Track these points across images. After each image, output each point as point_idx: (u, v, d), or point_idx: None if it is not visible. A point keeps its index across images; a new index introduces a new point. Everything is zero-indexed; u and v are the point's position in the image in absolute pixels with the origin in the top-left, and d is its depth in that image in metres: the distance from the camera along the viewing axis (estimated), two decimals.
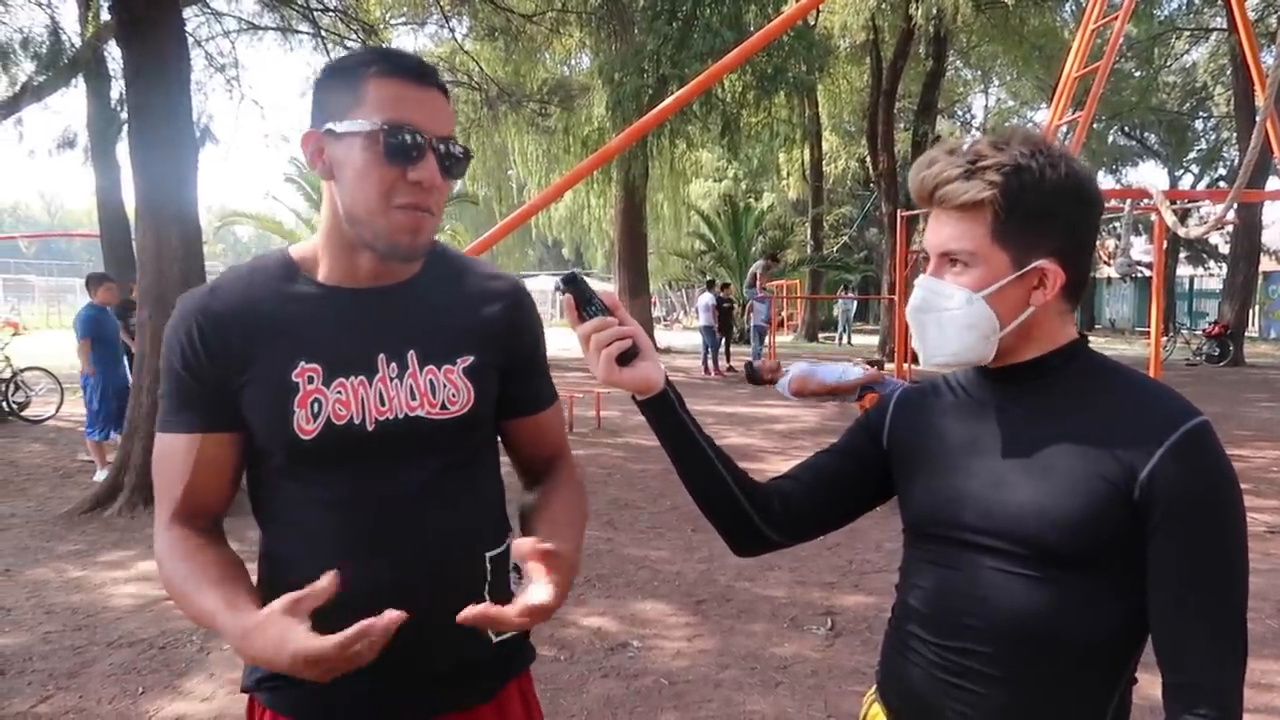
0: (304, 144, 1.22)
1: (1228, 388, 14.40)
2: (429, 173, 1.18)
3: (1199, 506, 1.08)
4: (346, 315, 1.25)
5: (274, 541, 1.28)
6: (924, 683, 1.24)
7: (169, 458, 1.25)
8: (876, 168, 21.71)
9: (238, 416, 1.23)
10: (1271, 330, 28.94)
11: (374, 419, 1.23)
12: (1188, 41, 26.52)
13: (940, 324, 1.18)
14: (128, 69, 6.57)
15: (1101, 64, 6.86)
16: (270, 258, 1.30)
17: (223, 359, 1.21)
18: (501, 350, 1.33)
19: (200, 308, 1.23)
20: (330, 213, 1.23)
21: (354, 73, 1.18)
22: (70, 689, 3.58)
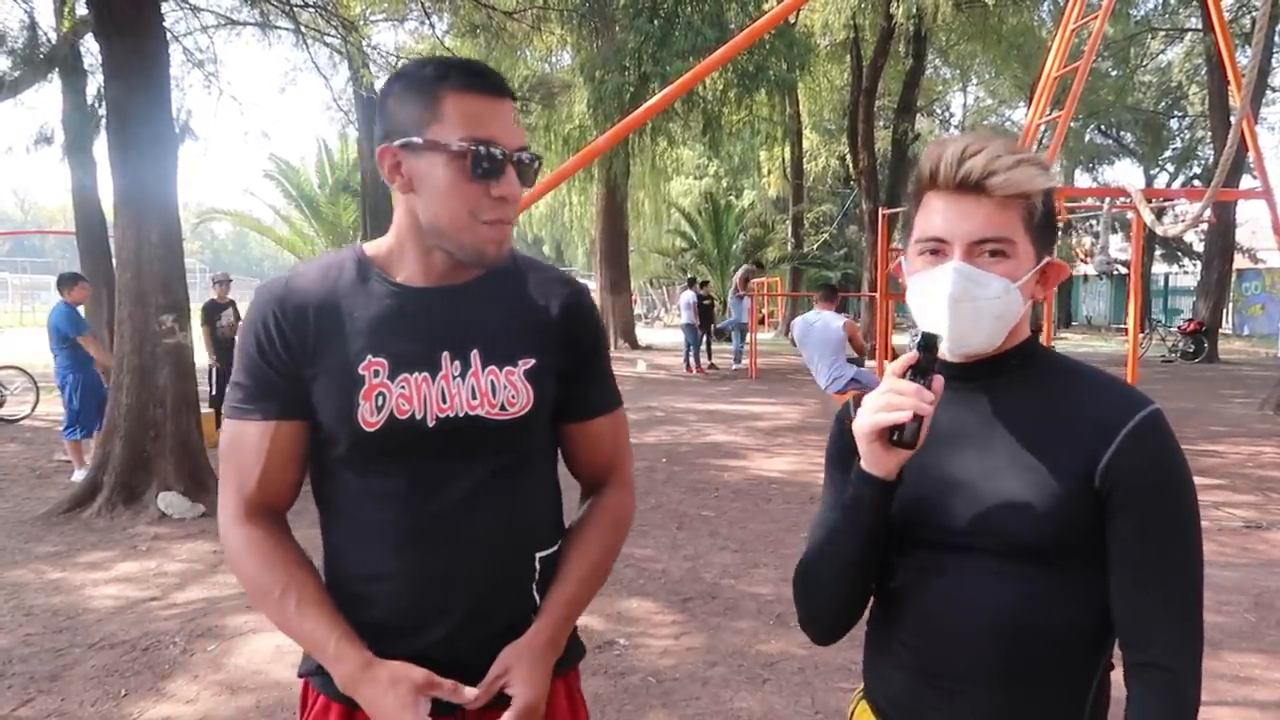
0: (380, 158, 1.24)
1: (1203, 384, 14.56)
2: (512, 187, 1.22)
3: (1154, 489, 1.12)
4: (414, 313, 1.28)
5: (332, 530, 1.32)
6: (905, 681, 1.25)
7: (242, 444, 1.27)
8: (857, 165, 21.81)
9: (308, 405, 1.27)
10: (1245, 327, 29.29)
11: (435, 415, 1.26)
12: (1163, 41, 26.80)
13: (976, 313, 1.16)
14: (106, 65, 6.50)
15: (1081, 64, 6.92)
16: (344, 255, 1.34)
17: (297, 348, 1.26)
18: (561, 353, 1.35)
19: (277, 298, 1.28)
20: (408, 221, 1.27)
21: (429, 86, 1.20)
22: (51, 692, 3.54)
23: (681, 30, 13.98)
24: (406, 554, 1.27)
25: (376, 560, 1.27)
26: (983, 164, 1.15)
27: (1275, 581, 4.89)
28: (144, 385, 6.39)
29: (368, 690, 1.20)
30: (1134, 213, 7.41)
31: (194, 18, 12.19)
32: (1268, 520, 6.13)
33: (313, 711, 1.32)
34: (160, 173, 6.46)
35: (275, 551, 1.27)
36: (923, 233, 1.19)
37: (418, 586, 1.27)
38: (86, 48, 11.21)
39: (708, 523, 6.10)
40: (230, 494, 1.28)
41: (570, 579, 1.35)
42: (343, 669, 1.21)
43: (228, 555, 1.29)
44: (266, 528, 1.28)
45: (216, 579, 4.95)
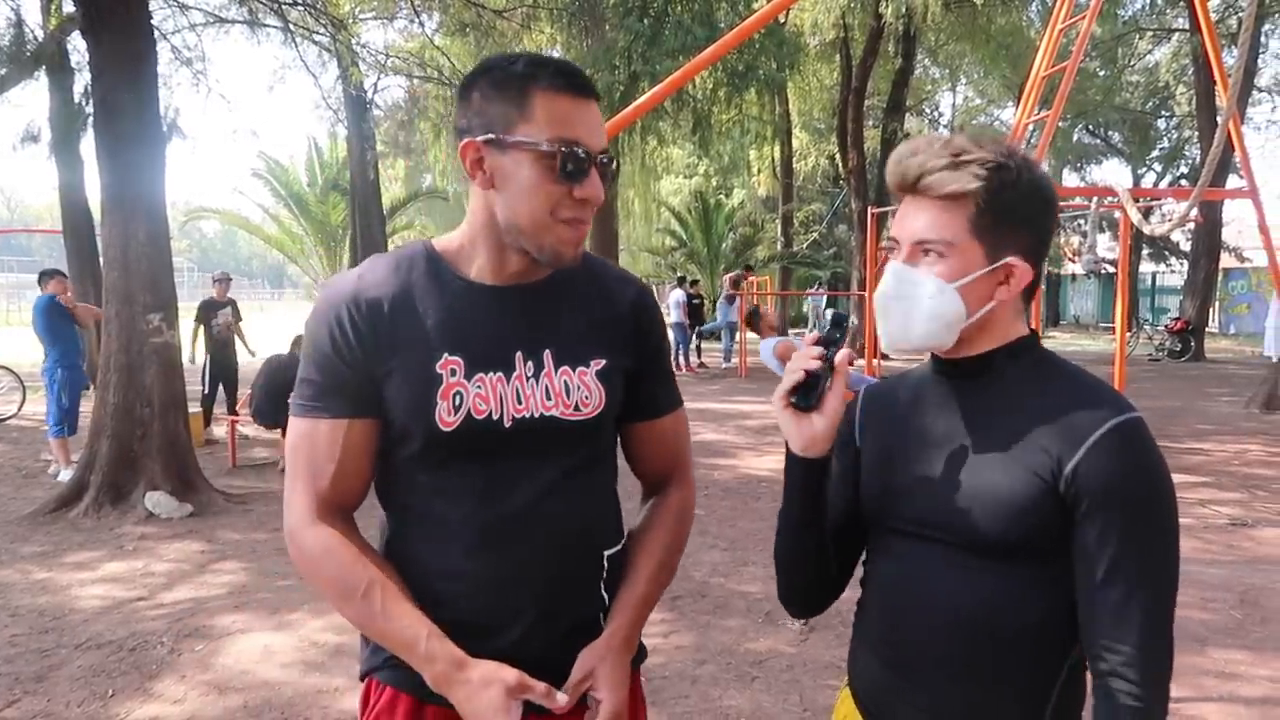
0: (463, 153, 1.23)
1: (1189, 382, 14.64)
2: (595, 190, 1.22)
3: (1122, 497, 1.10)
4: (488, 311, 1.28)
5: (401, 528, 1.31)
6: (880, 672, 1.28)
7: (314, 443, 1.25)
8: (846, 165, 21.84)
9: (381, 402, 1.25)
10: (1231, 326, 29.47)
11: (511, 416, 1.26)
12: (1150, 41, 26.91)
13: (907, 312, 1.20)
14: (93, 62, 6.46)
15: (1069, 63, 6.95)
16: (414, 249, 1.32)
17: (371, 345, 1.23)
18: (629, 353, 1.36)
19: (350, 294, 1.25)
20: (485, 217, 1.26)
21: (519, 83, 1.20)
22: (38, 693, 3.52)
23: (671, 29, 13.98)
24: (480, 553, 1.26)
25: (450, 559, 1.26)
26: (917, 166, 1.18)
27: (1260, 578, 4.92)
28: (131, 384, 6.36)
29: (460, 690, 1.19)
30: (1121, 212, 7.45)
31: (182, 15, 12.13)
32: (1253, 517, 6.18)
33: (377, 707, 1.30)
34: (148, 171, 6.43)
35: (354, 550, 1.24)
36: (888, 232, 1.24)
37: (491, 585, 1.26)
38: (73, 45, 11.15)
39: (697, 521, 6.08)
40: (302, 493, 1.26)
41: (642, 578, 1.36)
42: (436, 668, 1.20)
43: (301, 556, 1.26)
44: (342, 527, 1.27)
45: (204, 579, 4.93)
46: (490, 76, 1.22)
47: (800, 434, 1.21)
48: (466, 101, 1.24)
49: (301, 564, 1.27)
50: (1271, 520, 6.16)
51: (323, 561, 1.24)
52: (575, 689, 1.26)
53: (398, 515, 1.31)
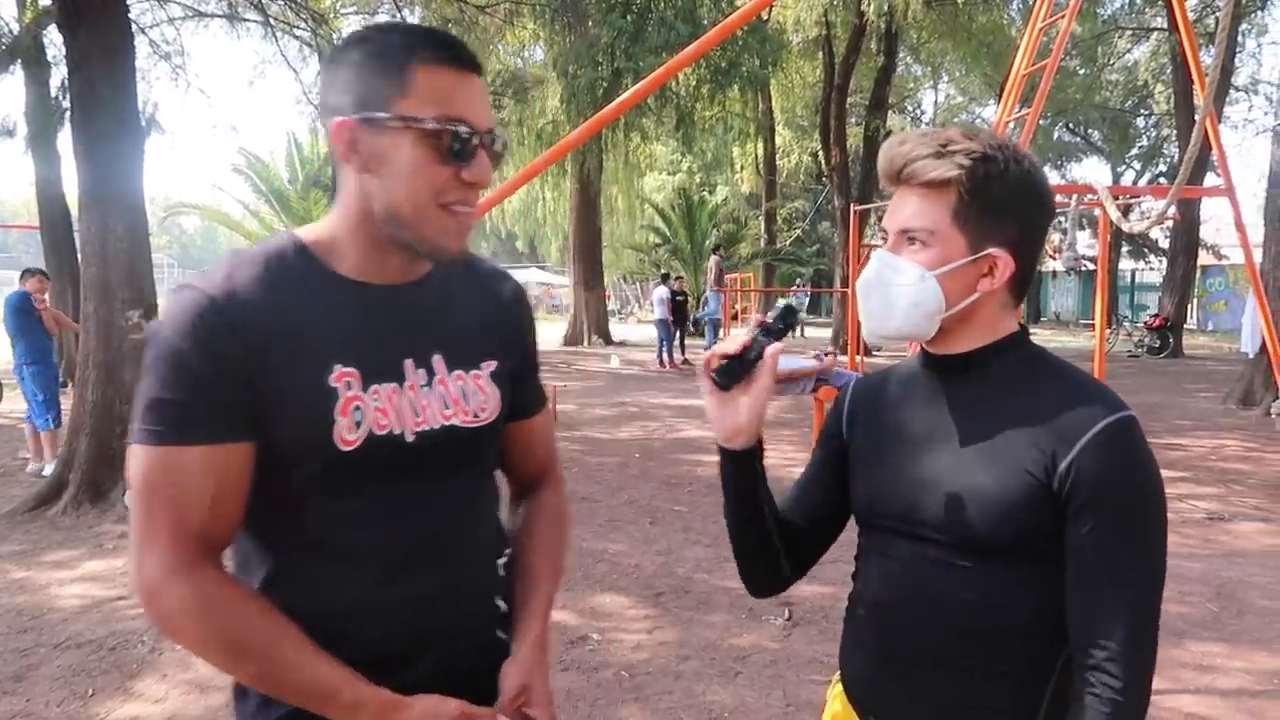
0: (336, 133, 1.10)
1: (1168, 378, 14.79)
2: (483, 172, 1.12)
3: (1113, 497, 1.11)
4: (374, 315, 1.16)
5: (291, 562, 1.15)
6: (872, 669, 1.28)
7: (179, 475, 1.06)
8: (829, 162, 21.90)
9: (258, 423, 1.09)
10: (1209, 322, 29.79)
11: (413, 429, 1.16)
12: (1130, 40, 27.11)
13: (888, 298, 1.21)
14: (70, 56, 6.39)
15: (1049, 62, 7.00)
16: (283, 245, 1.16)
17: (249, 356, 1.07)
18: (514, 352, 1.31)
19: (219, 299, 1.07)
20: (360, 206, 1.13)
21: (397, 56, 1.08)
22: (16, 693, 3.49)
23: (655, 26, 13.98)
24: (393, 580, 1.15)
25: (358, 590, 1.14)
26: (903, 155, 1.19)
27: (1236, 572, 4.98)
28: (110, 381, 6.31)
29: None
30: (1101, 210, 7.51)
31: (160, 9, 12.02)
32: (1230, 512, 6.25)
33: None
34: (126, 166, 6.37)
35: (241, 598, 1.08)
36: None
37: (405, 613, 1.16)
38: (50, 39, 11.03)
39: (680, 517, 6.12)
40: (165, 538, 1.05)
41: (544, 582, 1.32)
42: (363, 715, 1.08)
43: (174, 614, 1.05)
44: (219, 573, 1.09)
45: None
46: (365, 48, 1.10)
47: (723, 421, 1.23)
48: (336, 75, 1.11)
49: (175, 623, 1.06)
50: (1248, 514, 6.23)
51: (204, 617, 1.05)
52: (511, 707, 1.19)
53: (286, 547, 1.15)
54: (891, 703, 1.26)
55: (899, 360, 1.36)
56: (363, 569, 1.14)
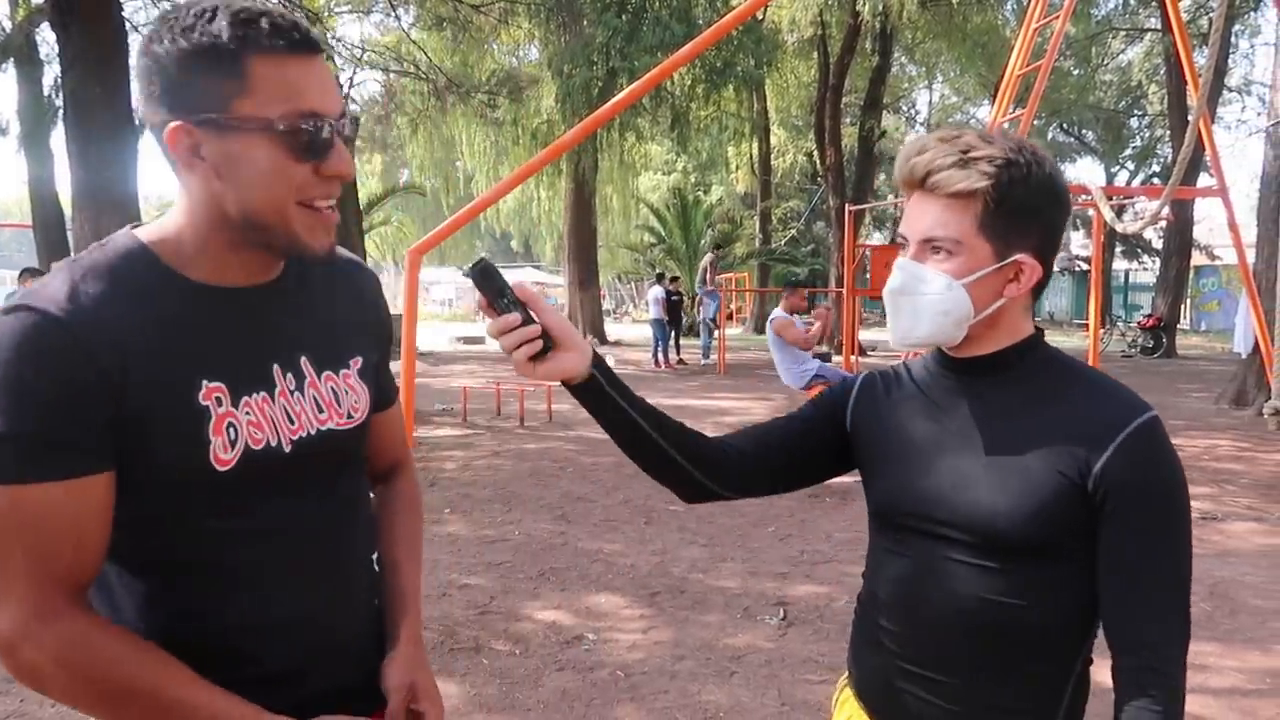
0: (173, 138, 1.00)
1: (1162, 378, 14.84)
2: (343, 164, 1.05)
3: (1149, 497, 1.12)
4: (234, 322, 1.09)
5: (171, 588, 1.07)
6: (886, 669, 1.27)
7: (38, 515, 0.96)
8: (824, 162, 21.95)
9: (117, 449, 1.01)
10: (1202, 323, 29.88)
11: (289, 439, 1.10)
12: (1124, 41, 27.21)
13: (916, 308, 1.20)
14: (64, 54, 6.39)
15: (1043, 62, 7.02)
16: (125, 249, 1.06)
17: (100, 382, 0.98)
18: (376, 345, 1.28)
19: (68, 314, 0.97)
20: (210, 211, 1.04)
21: (228, 47, 0.97)
22: (10, 693, 3.47)
23: (649, 25, 13.99)
24: (283, 596, 1.11)
25: (247, 610, 1.09)
26: (925, 164, 1.17)
27: (1229, 571, 5.00)
28: None
29: None
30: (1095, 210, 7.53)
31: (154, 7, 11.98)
32: (1223, 511, 6.27)
33: None
34: (120, 164, 6.37)
35: (118, 641, 1.01)
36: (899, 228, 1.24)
37: (299, 628, 1.12)
38: (42, 37, 10.99)
39: (676, 517, 6.12)
40: (19, 587, 0.96)
41: (411, 574, 1.30)
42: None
43: (39, 666, 0.97)
44: (88, 615, 1.01)
45: None
46: (189, 40, 0.97)
47: (555, 373, 1.19)
48: (161, 73, 0.99)
49: (44, 674, 0.97)
50: (1240, 514, 6.26)
51: (76, 666, 0.97)
52: (401, 708, 1.17)
53: (162, 571, 1.07)
54: (908, 705, 1.25)
55: (893, 360, 1.36)
56: (249, 588, 1.09)
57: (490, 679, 3.58)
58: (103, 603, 1.08)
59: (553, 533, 5.66)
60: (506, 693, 3.46)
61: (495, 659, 3.77)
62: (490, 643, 3.93)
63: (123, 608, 1.08)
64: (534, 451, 8.51)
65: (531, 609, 4.34)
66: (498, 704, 3.38)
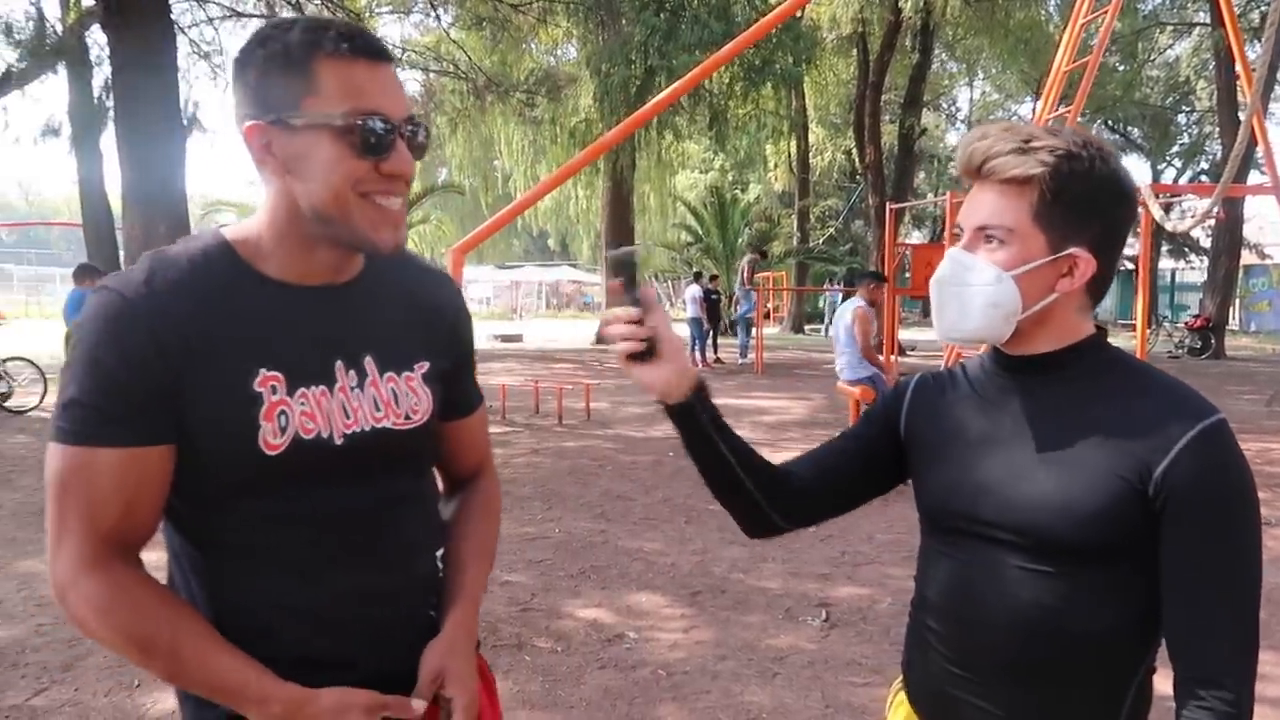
0: (250, 137, 1.09)
1: (1210, 380, 14.52)
2: (404, 163, 1.10)
3: (1213, 503, 1.08)
4: (302, 317, 1.15)
5: (219, 563, 1.14)
6: (939, 674, 1.25)
7: (93, 476, 1.05)
8: (863, 160, 21.79)
9: (179, 426, 1.08)
10: (1252, 323, 29.21)
11: (341, 432, 1.15)
12: (1171, 36, 26.71)
13: (963, 299, 1.17)
14: (114, 56, 6.52)
15: (1091, 59, 6.90)
16: (207, 244, 1.14)
17: (171, 359, 1.06)
18: (447, 352, 1.31)
19: (142, 298, 1.06)
20: (286, 207, 1.12)
21: (299, 54, 1.06)
22: (65, 682, 3.55)
23: (688, 24, 13.99)
24: (322, 581, 1.15)
25: (287, 592, 1.14)
26: (983, 150, 1.15)
27: None
28: None
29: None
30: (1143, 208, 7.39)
31: (200, 9, 12.19)
32: (1277, 517, 6.13)
33: None
34: (168, 164, 6.49)
35: (149, 595, 1.08)
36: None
37: (332, 613, 1.16)
38: (93, 39, 11.23)
39: (715, 516, 6.10)
40: (77, 536, 1.06)
41: (473, 570, 1.32)
42: (273, 710, 1.07)
43: (83, 609, 1.06)
44: (129, 569, 1.09)
45: None
46: (267, 49, 1.07)
47: (654, 381, 1.21)
48: (243, 80, 1.10)
49: (84, 618, 1.06)
50: None
51: (112, 612, 1.06)
52: (427, 690, 1.18)
53: (214, 549, 1.14)
54: (961, 712, 1.22)
55: (934, 359, 1.33)
56: (291, 571, 1.14)
57: (533, 676, 3.59)
58: (173, 568, 1.18)
59: (593, 531, 5.68)
60: (549, 690, 3.47)
61: (537, 656, 3.78)
62: (532, 640, 3.95)
63: (183, 577, 1.16)
64: (573, 449, 8.54)
65: (573, 607, 4.35)
66: (541, 701, 3.39)
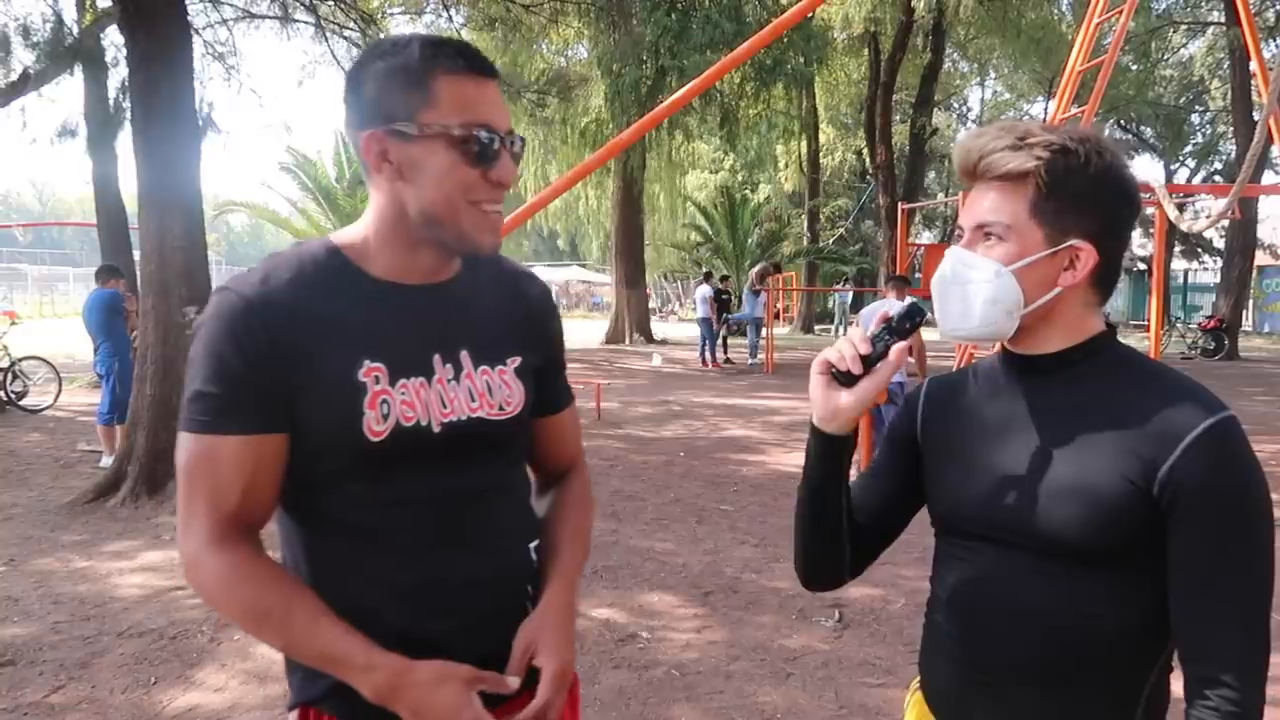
0: (366, 145, 1.18)
1: (1223, 381, 14.44)
2: (508, 172, 1.20)
3: (1219, 502, 1.07)
4: (403, 313, 1.23)
5: (325, 543, 1.23)
6: (953, 675, 1.25)
7: (216, 461, 1.16)
8: (874, 160, 21.75)
9: (292, 415, 1.18)
10: (1265, 324, 29.04)
11: (440, 421, 1.23)
12: (1185, 35, 26.57)
13: (965, 296, 1.17)
14: (131, 57, 6.54)
15: (1106, 59, 6.87)
16: (316, 247, 1.25)
17: (282, 354, 1.15)
18: (539, 350, 1.37)
19: (256, 299, 1.16)
20: (393, 211, 1.21)
21: (417, 68, 1.16)
22: (82, 679, 3.58)
23: (699, 23, 13.98)
24: (418, 561, 1.22)
25: (382, 570, 1.22)
26: (979, 148, 1.16)
27: None
28: (167, 376, 6.43)
29: (411, 694, 1.14)
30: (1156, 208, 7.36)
31: (214, 10, 12.24)
32: None
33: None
34: (184, 165, 6.51)
35: (266, 571, 1.18)
36: None
37: (429, 592, 1.23)
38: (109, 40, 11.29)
39: (727, 517, 6.11)
40: (203, 516, 1.17)
41: (568, 553, 1.37)
42: (377, 677, 1.14)
43: (208, 582, 1.17)
44: (249, 547, 1.19)
45: None
46: (386, 62, 1.17)
47: (826, 404, 1.20)
48: (358, 90, 1.19)
49: (208, 590, 1.18)
50: None
51: (233, 585, 1.16)
52: (520, 664, 1.24)
53: (320, 530, 1.23)
54: (978, 711, 1.22)
55: (942, 359, 1.33)
56: (391, 552, 1.22)
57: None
58: (284, 548, 1.28)
59: (604, 530, 5.68)
60: None
61: None
62: None
63: (293, 556, 1.26)
64: (584, 449, 8.54)
65: (586, 606, 4.35)
66: None
